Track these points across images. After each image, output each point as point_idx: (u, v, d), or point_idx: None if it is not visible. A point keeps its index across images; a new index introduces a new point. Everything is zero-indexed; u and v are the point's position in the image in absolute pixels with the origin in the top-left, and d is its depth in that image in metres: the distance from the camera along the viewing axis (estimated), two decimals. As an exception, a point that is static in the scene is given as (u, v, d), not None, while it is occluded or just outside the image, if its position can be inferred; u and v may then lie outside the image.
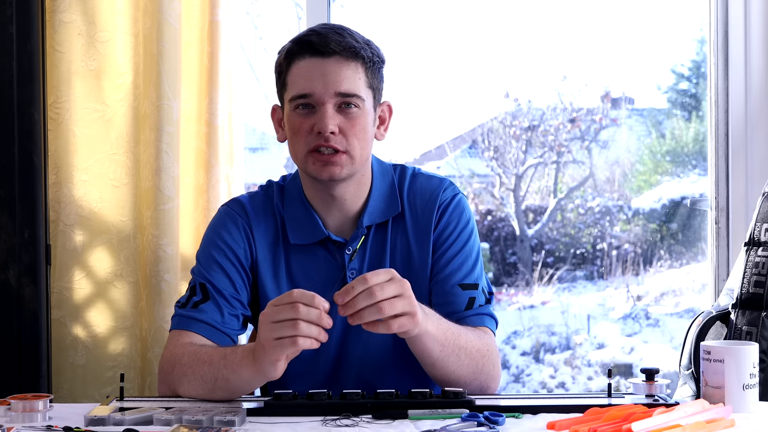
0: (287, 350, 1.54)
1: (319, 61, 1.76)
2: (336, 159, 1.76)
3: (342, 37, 1.77)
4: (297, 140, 1.79)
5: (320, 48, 1.75)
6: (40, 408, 1.58)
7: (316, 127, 1.75)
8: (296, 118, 1.78)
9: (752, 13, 2.69)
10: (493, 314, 1.87)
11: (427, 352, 1.69)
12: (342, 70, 1.76)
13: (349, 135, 1.77)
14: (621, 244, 4.58)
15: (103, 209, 2.41)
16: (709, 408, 1.56)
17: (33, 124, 2.37)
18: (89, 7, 2.39)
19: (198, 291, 1.81)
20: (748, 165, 2.70)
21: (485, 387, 1.78)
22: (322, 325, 1.53)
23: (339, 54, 1.76)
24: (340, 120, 1.76)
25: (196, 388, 1.68)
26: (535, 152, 4.67)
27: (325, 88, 1.75)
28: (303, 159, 1.79)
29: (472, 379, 1.75)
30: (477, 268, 1.87)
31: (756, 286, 2.13)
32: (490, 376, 1.78)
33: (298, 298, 1.53)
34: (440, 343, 1.69)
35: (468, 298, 1.84)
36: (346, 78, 1.76)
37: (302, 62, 1.77)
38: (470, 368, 1.74)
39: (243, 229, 1.86)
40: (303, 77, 1.77)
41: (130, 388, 2.39)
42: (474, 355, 1.74)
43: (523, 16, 4.49)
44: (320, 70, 1.75)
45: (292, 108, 1.79)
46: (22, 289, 2.37)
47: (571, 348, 4.52)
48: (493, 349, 1.80)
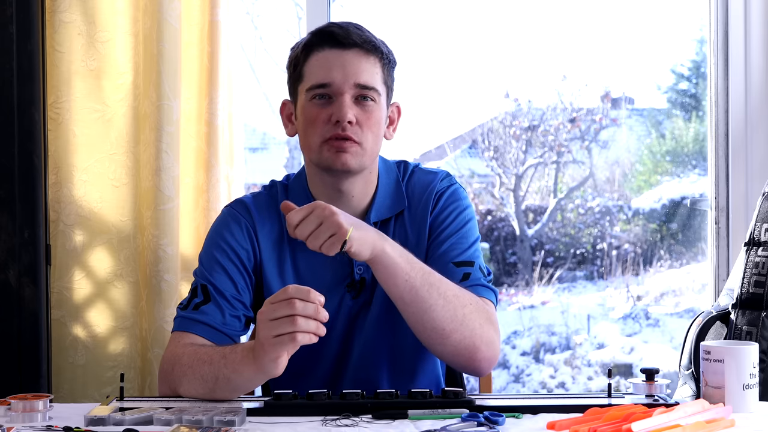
0: (287, 347, 1.54)
1: (339, 53, 1.78)
2: (348, 146, 1.77)
3: (362, 32, 1.80)
4: (312, 130, 1.80)
5: (341, 39, 1.78)
6: (40, 408, 1.58)
7: (333, 116, 1.77)
8: (313, 107, 1.79)
9: (752, 13, 2.69)
10: (492, 287, 1.83)
11: (391, 279, 1.68)
12: (361, 63, 1.78)
13: (364, 127, 1.78)
14: (621, 244, 4.58)
15: (103, 209, 2.41)
16: (709, 408, 1.56)
17: (33, 124, 2.37)
18: (89, 7, 2.39)
19: (199, 292, 1.81)
20: (748, 165, 2.70)
21: (471, 347, 1.72)
22: (319, 319, 1.53)
23: (359, 47, 1.79)
24: (356, 111, 1.78)
25: (196, 388, 1.68)
26: (535, 152, 4.67)
27: (344, 78, 1.77)
28: (317, 148, 1.79)
29: (451, 329, 1.70)
30: (473, 249, 1.85)
31: (756, 286, 2.13)
32: (477, 335, 1.72)
33: (294, 294, 1.53)
34: (404, 272, 1.68)
35: (462, 273, 1.81)
36: (365, 70, 1.78)
37: (322, 53, 1.79)
38: (447, 311, 1.70)
39: (246, 230, 1.86)
40: (322, 68, 1.78)
41: (130, 388, 2.39)
42: (450, 298, 1.71)
43: (523, 16, 4.49)
44: (340, 61, 1.78)
45: (308, 98, 1.80)
46: (22, 289, 2.37)
47: (571, 348, 4.52)
48: (481, 308, 1.75)
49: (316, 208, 1.62)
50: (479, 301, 1.77)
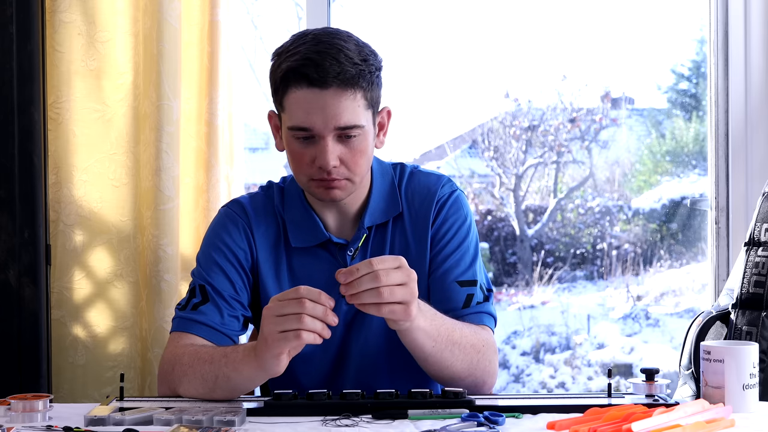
0: (291, 343, 1.53)
1: (317, 93, 1.69)
2: (337, 184, 1.75)
3: (339, 64, 1.69)
4: (298, 168, 1.77)
5: (318, 81, 1.69)
6: (40, 408, 1.58)
7: (317, 161, 1.73)
8: (296, 145, 1.75)
9: (752, 13, 2.69)
10: (492, 312, 1.86)
11: (419, 348, 1.68)
12: (341, 102, 1.70)
13: (350, 164, 1.75)
14: (621, 244, 4.58)
15: (103, 209, 2.41)
16: (709, 408, 1.56)
17: (33, 124, 2.37)
18: (89, 7, 2.39)
19: (197, 293, 1.81)
20: (748, 165, 2.70)
21: (481, 383, 1.77)
22: (327, 321, 1.53)
23: (337, 86, 1.69)
24: (340, 151, 1.73)
25: (196, 388, 1.68)
26: (535, 152, 4.67)
27: (324, 122, 1.70)
28: (305, 184, 1.78)
29: (467, 375, 1.74)
30: (475, 265, 1.86)
31: (756, 286, 2.13)
32: (486, 372, 1.77)
33: (305, 294, 1.53)
34: (432, 339, 1.68)
35: (466, 295, 1.82)
36: (345, 109, 1.71)
37: (299, 92, 1.71)
38: (464, 364, 1.73)
39: (243, 230, 1.86)
40: (301, 109, 1.71)
41: (130, 388, 2.39)
42: (468, 351, 1.73)
43: (523, 16, 4.49)
44: (319, 104, 1.70)
45: (291, 135, 1.75)
46: (22, 289, 2.37)
47: (571, 348, 4.52)
48: (489, 346, 1.79)
49: (402, 266, 1.57)
50: (487, 339, 1.79)
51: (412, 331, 1.65)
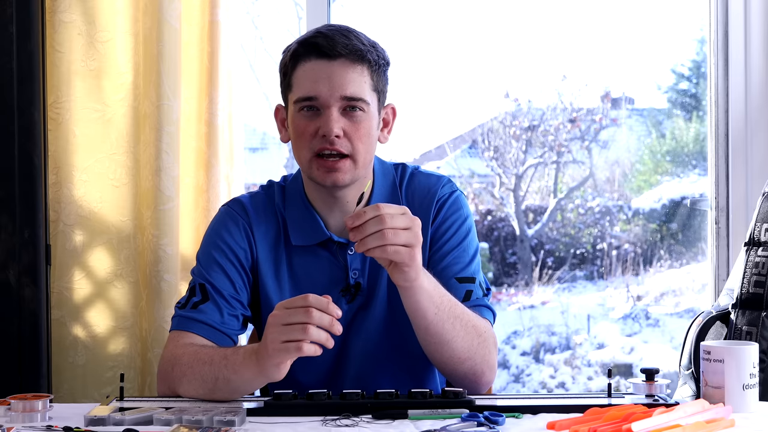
0: (291, 355, 1.54)
1: (325, 64, 1.75)
2: (340, 165, 1.76)
3: (348, 40, 1.76)
4: (301, 143, 1.78)
5: (326, 50, 1.75)
6: (40, 408, 1.58)
7: (321, 130, 1.75)
8: (301, 120, 1.78)
9: (752, 13, 2.69)
10: (491, 306, 1.86)
11: (422, 311, 1.67)
12: (348, 74, 1.75)
13: (353, 138, 1.76)
14: (621, 244, 4.58)
15: (103, 209, 2.41)
16: (709, 408, 1.56)
17: (33, 124, 2.37)
18: (89, 7, 2.39)
19: (197, 291, 1.81)
20: (748, 165, 2.70)
21: (480, 373, 1.75)
22: (332, 332, 1.53)
23: (345, 57, 1.75)
24: (344, 123, 1.76)
25: (196, 388, 1.68)
26: (535, 152, 4.67)
27: (330, 91, 1.74)
28: (307, 163, 1.79)
29: (466, 357, 1.72)
30: (474, 263, 1.86)
31: (756, 286, 2.13)
32: (485, 361, 1.75)
33: (313, 303, 1.53)
34: (435, 306, 1.67)
35: (465, 290, 1.82)
36: (352, 81, 1.75)
37: (308, 64, 1.77)
38: (465, 343, 1.71)
39: (243, 229, 1.86)
40: (309, 79, 1.76)
41: (130, 388, 2.39)
42: (469, 330, 1.72)
43: (523, 16, 4.49)
44: (326, 73, 1.75)
45: (296, 110, 1.78)
46: (22, 289, 2.37)
47: (571, 348, 4.52)
48: (490, 334, 1.78)
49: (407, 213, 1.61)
50: (489, 329, 1.79)
51: (416, 290, 1.65)
